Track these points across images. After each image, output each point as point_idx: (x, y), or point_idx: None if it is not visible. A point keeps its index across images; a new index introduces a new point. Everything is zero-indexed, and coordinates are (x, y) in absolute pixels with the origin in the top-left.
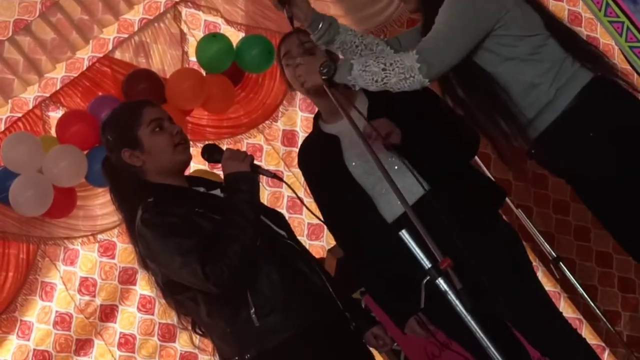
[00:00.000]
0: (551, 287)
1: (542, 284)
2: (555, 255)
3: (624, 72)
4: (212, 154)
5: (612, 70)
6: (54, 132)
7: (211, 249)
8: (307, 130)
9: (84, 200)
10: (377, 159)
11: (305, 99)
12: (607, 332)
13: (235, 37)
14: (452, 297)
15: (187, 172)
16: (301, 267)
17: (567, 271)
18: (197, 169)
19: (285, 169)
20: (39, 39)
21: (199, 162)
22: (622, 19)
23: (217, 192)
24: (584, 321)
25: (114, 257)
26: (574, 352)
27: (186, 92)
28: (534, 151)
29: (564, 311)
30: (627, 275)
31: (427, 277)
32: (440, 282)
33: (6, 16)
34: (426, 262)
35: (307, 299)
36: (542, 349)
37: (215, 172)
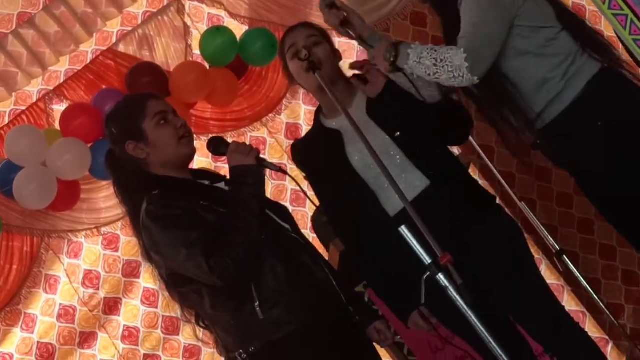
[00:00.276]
0: (554, 280)
1: (546, 277)
2: (558, 248)
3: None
4: (217, 147)
5: (618, 61)
6: (57, 125)
7: (216, 241)
8: (311, 123)
9: (88, 193)
10: (375, 155)
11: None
12: (611, 325)
13: (238, 30)
14: (452, 292)
15: (190, 165)
16: (305, 260)
17: (570, 264)
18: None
19: (288, 162)
20: (42, 32)
21: (203, 155)
22: (626, 11)
23: (222, 185)
24: (588, 314)
25: (117, 250)
26: (576, 346)
27: (190, 85)
28: (539, 142)
29: (568, 304)
30: (630, 268)
31: (427, 273)
32: (440, 277)
33: (10, 9)
34: (426, 258)
35: (311, 292)
36: (544, 343)
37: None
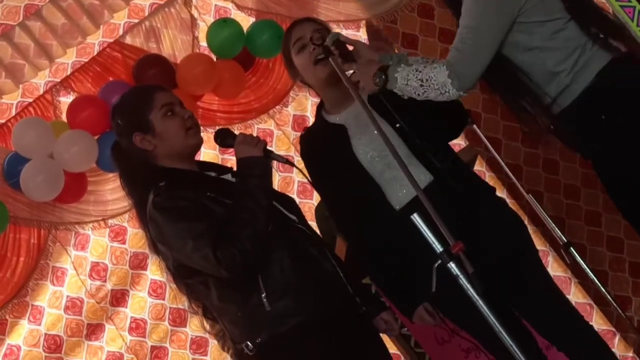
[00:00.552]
0: (562, 272)
1: (553, 269)
2: (565, 240)
3: None
4: (225, 139)
5: (633, 50)
6: (64, 117)
7: (223, 233)
8: None
9: (95, 185)
10: (387, 140)
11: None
12: (618, 318)
13: (245, 22)
14: (463, 281)
15: (197, 157)
16: (312, 251)
17: (577, 256)
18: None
19: (295, 154)
20: (49, 24)
21: (210, 147)
22: (634, 3)
23: (228, 177)
24: (595, 306)
25: (124, 242)
26: (582, 340)
27: (197, 77)
28: (552, 127)
29: (575, 296)
30: (638, 260)
31: (439, 261)
32: (451, 266)
33: (17, 1)
34: (438, 246)
35: (318, 284)
36: (549, 337)
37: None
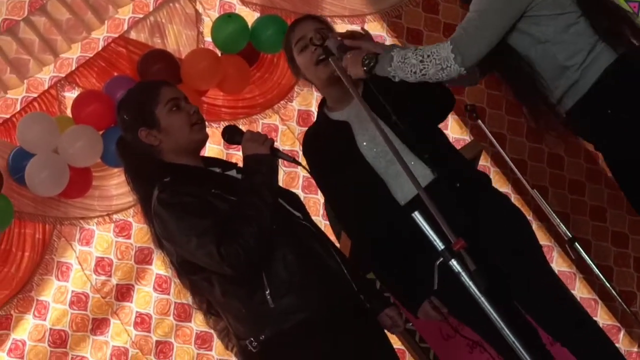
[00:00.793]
0: (567, 267)
1: (558, 264)
2: (570, 235)
3: None
4: (232, 136)
5: None
6: (69, 112)
7: (227, 230)
8: None
9: (100, 180)
10: (387, 140)
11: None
12: (623, 313)
13: (250, 17)
14: (465, 278)
15: (202, 152)
16: (316, 248)
17: (582, 251)
18: None
19: (300, 149)
20: (54, 19)
21: (215, 142)
22: None
23: (233, 173)
24: (600, 302)
25: (129, 237)
26: (586, 336)
27: (202, 72)
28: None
29: (580, 292)
30: None
31: (441, 259)
32: (453, 263)
33: None
34: (439, 244)
35: (322, 280)
36: (553, 333)
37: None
